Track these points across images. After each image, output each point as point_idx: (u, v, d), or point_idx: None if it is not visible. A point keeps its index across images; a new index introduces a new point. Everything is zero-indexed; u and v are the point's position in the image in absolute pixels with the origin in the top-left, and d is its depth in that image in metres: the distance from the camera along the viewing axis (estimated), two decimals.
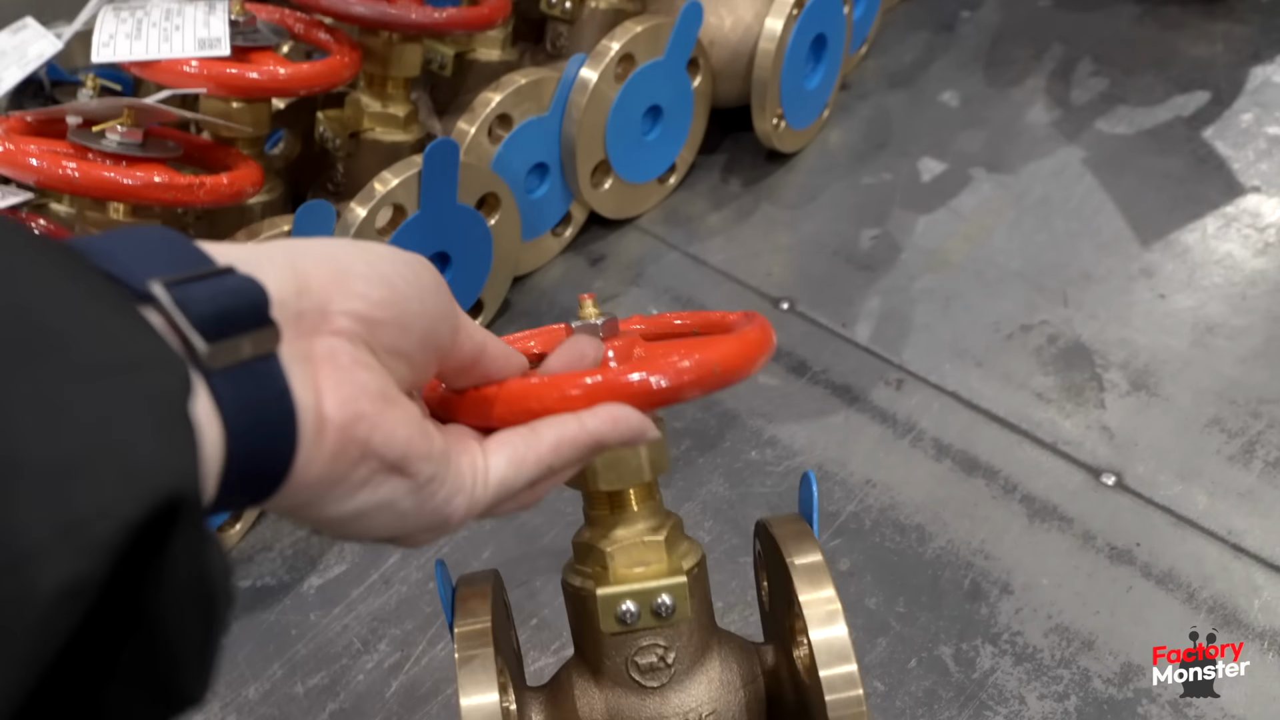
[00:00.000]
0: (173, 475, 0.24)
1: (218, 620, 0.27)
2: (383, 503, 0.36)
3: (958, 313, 0.99)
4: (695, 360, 0.42)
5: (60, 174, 0.70)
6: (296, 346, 0.33)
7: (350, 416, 0.34)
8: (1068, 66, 1.23)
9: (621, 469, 0.50)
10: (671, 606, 0.49)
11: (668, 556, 0.51)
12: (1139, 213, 1.05)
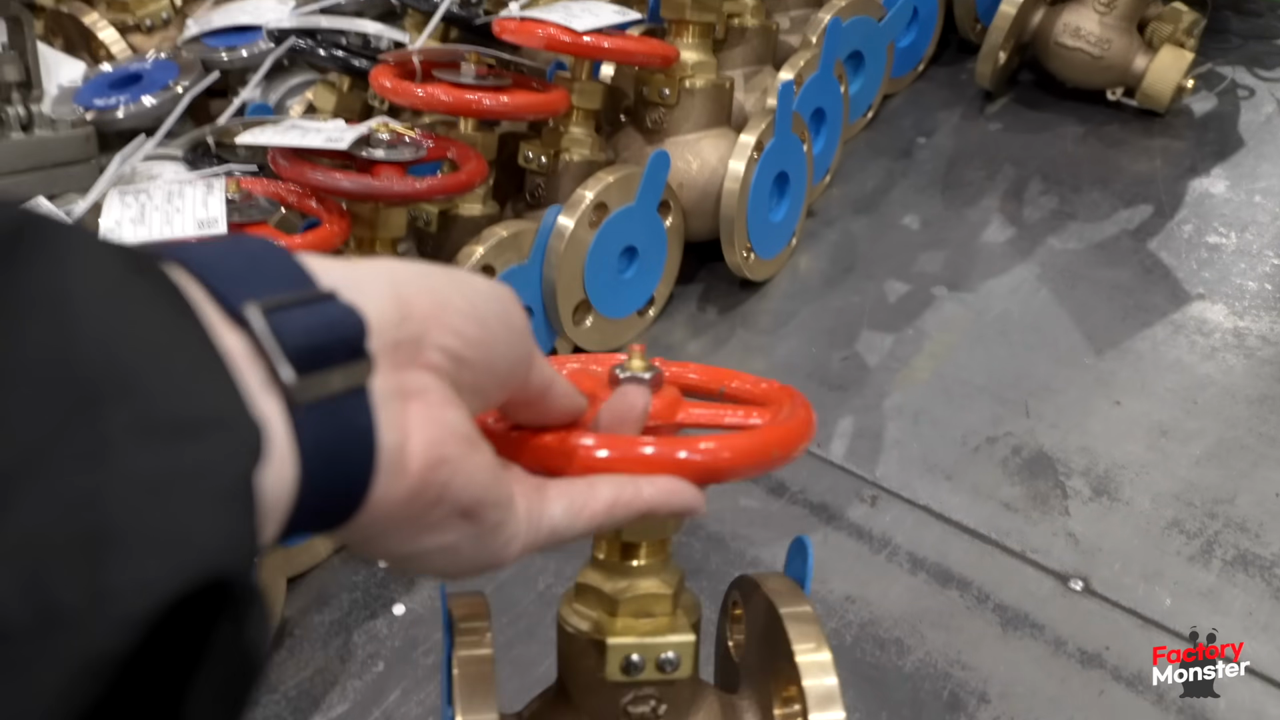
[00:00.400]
0: (222, 554, 0.23)
1: (247, 698, 0.26)
2: (447, 546, 0.35)
3: (926, 428, 1.04)
4: (759, 441, 0.43)
5: None
6: (389, 379, 0.32)
7: (435, 460, 0.33)
8: (1019, 186, 1.31)
9: (648, 523, 0.50)
10: (676, 662, 0.49)
11: (673, 611, 0.51)
12: (1092, 324, 1.11)
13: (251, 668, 0.25)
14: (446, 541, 0.35)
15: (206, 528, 0.23)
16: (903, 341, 1.14)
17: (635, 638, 0.49)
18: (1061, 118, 1.39)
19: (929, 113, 1.43)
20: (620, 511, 0.40)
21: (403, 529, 0.34)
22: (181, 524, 0.23)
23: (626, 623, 0.50)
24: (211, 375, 0.25)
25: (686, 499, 0.41)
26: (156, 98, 1.28)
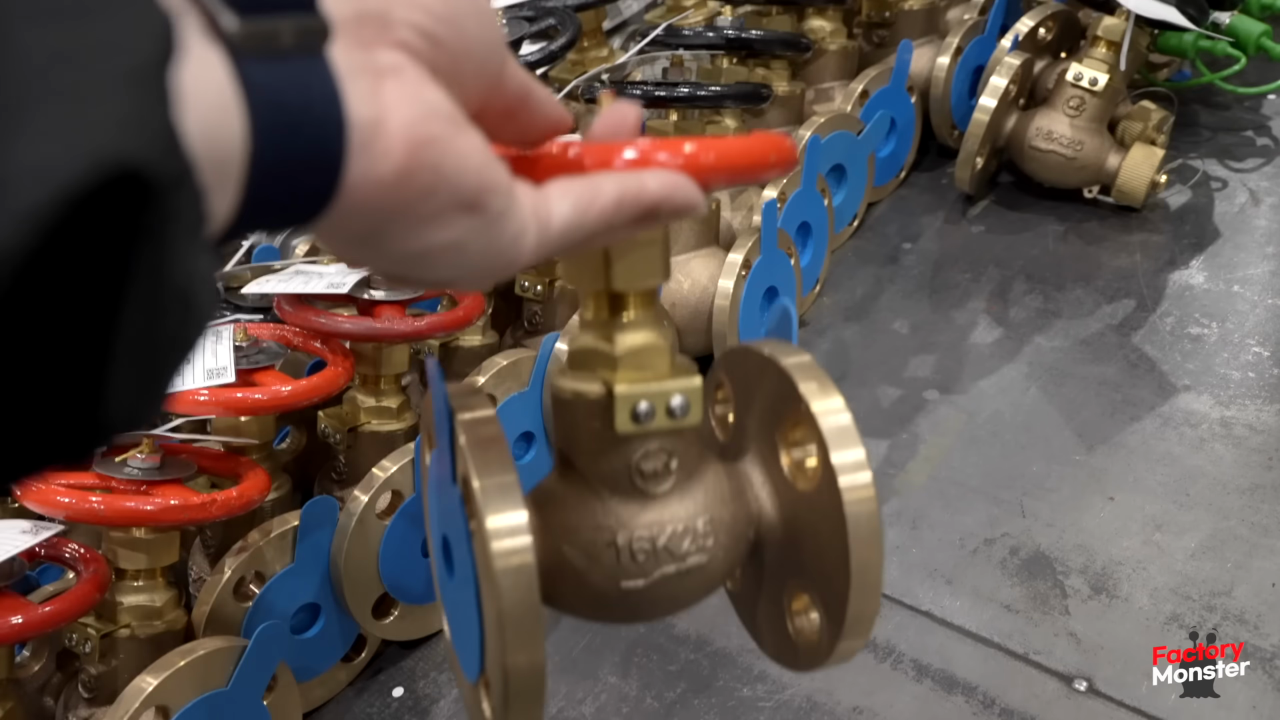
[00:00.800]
0: (130, 139, 0.20)
1: (180, 335, 0.23)
2: (452, 243, 0.33)
3: (925, 532, 1.05)
4: (762, 140, 0.42)
5: (87, 508, 0.79)
6: (355, 56, 0.30)
7: (420, 138, 0.30)
8: (1004, 287, 1.34)
9: (638, 268, 0.48)
10: (686, 407, 0.48)
11: (671, 360, 0.49)
12: (1082, 420, 1.13)
13: (181, 293, 0.22)
14: (450, 238, 0.33)
15: (111, 109, 0.20)
16: (898, 446, 1.16)
17: (643, 385, 0.48)
18: (1041, 217, 1.43)
19: (913, 218, 1.48)
20: (629, 208, 0.38)
21: (397, 223, 0.31)
22: (82, 104, 0.20)
23: (629, 374, 0.48)
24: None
25: (689, 194, 0.39)
26: None
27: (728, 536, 0.51)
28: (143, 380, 0.22)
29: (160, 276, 0.21)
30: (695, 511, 0.50)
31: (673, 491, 0.50)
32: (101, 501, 0.80)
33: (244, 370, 0.91)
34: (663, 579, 0.50)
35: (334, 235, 0.32)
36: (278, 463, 1.02)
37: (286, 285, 0.96)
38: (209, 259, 0.24)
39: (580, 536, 0.50)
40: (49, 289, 0.19)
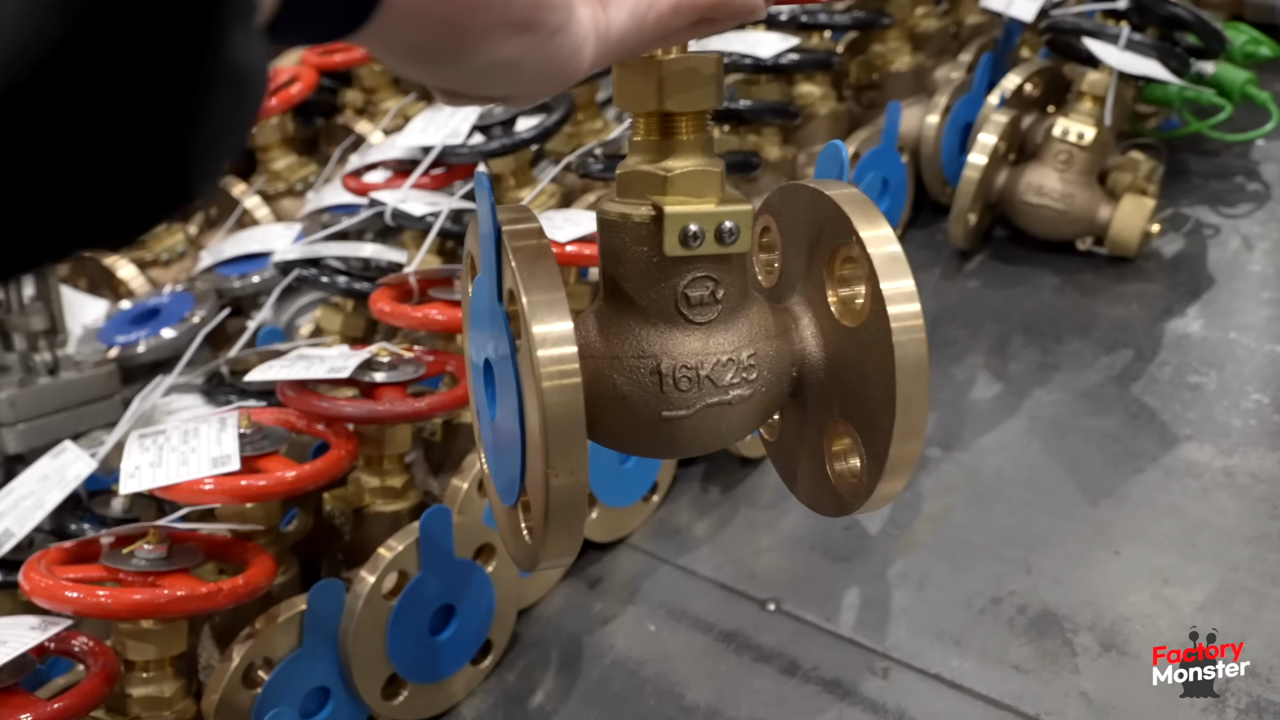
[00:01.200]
0: None
1: (236, 115, 0.24)
2: (507, 60, 0.32)
3: (931, 593, 1.05)
4: None
5: (95, 603, 0.79)
6: None
7: None
8: (1002, 341, 1.35)
9: (692, 89, 0.47)
10: (735, 232, 0.47)
11: (721, 187, 0.49)
12: (1085, 474, 1.13)
13: (238, 74, 0.23)
14: (506, 55, 0.32)
15: None
16: (901, 506, 1.16)
17: (693, 206, 0.47)
18: (1037, 270, 1.44)
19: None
20: (686, 12, 0.37)
21: (450, 38, 0.31)
22: None
23: (679, 197, 0.48)
24: None
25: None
26: (175, 329, 1.35)
27: (771, 372, 0.50)
28: (206, 151, 0.23)
29: (220, 57, 0.22)
30: (739, 343, 0.50)
31: (717, 321, 0.49)
32: (109, 595, 0.81)
33: (249, 457, 0.92)
34: (705, 409, 0.49)
35: (386, 48, 0.31)
36: (285, 545, 1.02)
37: (289, 371, 0.97)
38: (260, 46, 0.24)
39: (624, 363, 0.49)
40: (124, 53, 0.20)
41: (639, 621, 1.13)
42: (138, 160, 0.22)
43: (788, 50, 1.38)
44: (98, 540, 0.90)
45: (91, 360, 1.29)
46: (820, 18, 1.47)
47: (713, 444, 0.52)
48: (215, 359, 1.27)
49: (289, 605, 0.94)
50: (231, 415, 0.96)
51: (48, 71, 0.19)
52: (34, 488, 1.02)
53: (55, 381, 1.24)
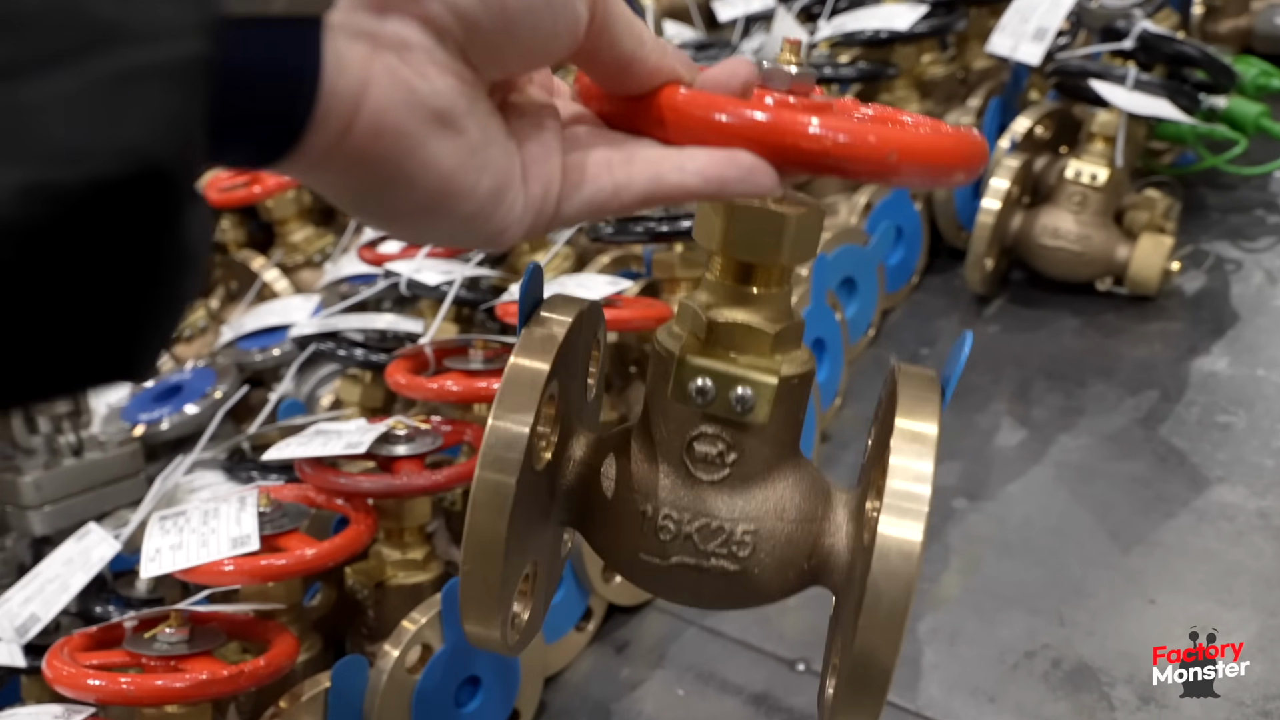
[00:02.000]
0: (167, 148, 0.23)
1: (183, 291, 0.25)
2: (417, 227, 0.33)
3: (963, 648, 1.03)
4: (879, 131, 0.36)
5: (117, 690, 0.79)
6: (361, 20, 0.29)
7: (388, 129, 0.29)
8: (1024, 386, 1.34)
9: (757, 240, 0.43)
10: (750, 403, 0.44)
11: (771, 352, 0.45)
12: (1115, 520, 1.12)
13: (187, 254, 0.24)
14: (416, 224, 0.33)
15: (149, 110, 0.23)
16: (930, 559, 1.14)
17: (711, 361, 0.44)
18: (1057, 313, 1.43)
19: (928, 322, 1.48)
20: (660, 198, 0.36)
21: (364, 193, 0.31)
22: (122, 100, 0.22)
23: (713, 349, 0.45)
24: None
25: (752, 175, 0.35)
26: (198, 405, 1.36)
27: (771, 556, 0.46)
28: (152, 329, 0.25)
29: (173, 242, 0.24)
30: (739, 515, 0.46)
31: (723, 483, 0.46)
32: (131, 682, 0.80)
33: (269, 535, 0.92)
34: (680, 567, 0.46)
35: (311, 184, 0.32)
36: (308, 622, 1.02)
37: (306, 448, 0.98)
38: (207, 221, 0.26)
39: (621, 489, 0.47)
40: (86, 243, 0.23)
41: (667, 686, 1.11)
42: (89, 339, 0.24)
43: None
44: (121, 625, 0.90)
45: (116, 439, 1.30)
46: (826, 71, 1.47)
47: (692, 602, 0.48)
48: (238, 433, 1.28)
49: (313, 683, 0.94)
50: (251, 494, 0.96)
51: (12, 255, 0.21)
52: (59, 571, 1.02)
53: (80, 463, 1.25)
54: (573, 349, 0.48)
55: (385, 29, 0.29)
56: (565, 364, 0.47)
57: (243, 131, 0.28)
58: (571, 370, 0.48)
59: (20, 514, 1.22)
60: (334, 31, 0.28)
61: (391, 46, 0.29)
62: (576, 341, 0.49)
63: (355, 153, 0.29)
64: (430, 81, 0.30)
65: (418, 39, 0.30)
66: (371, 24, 0.29)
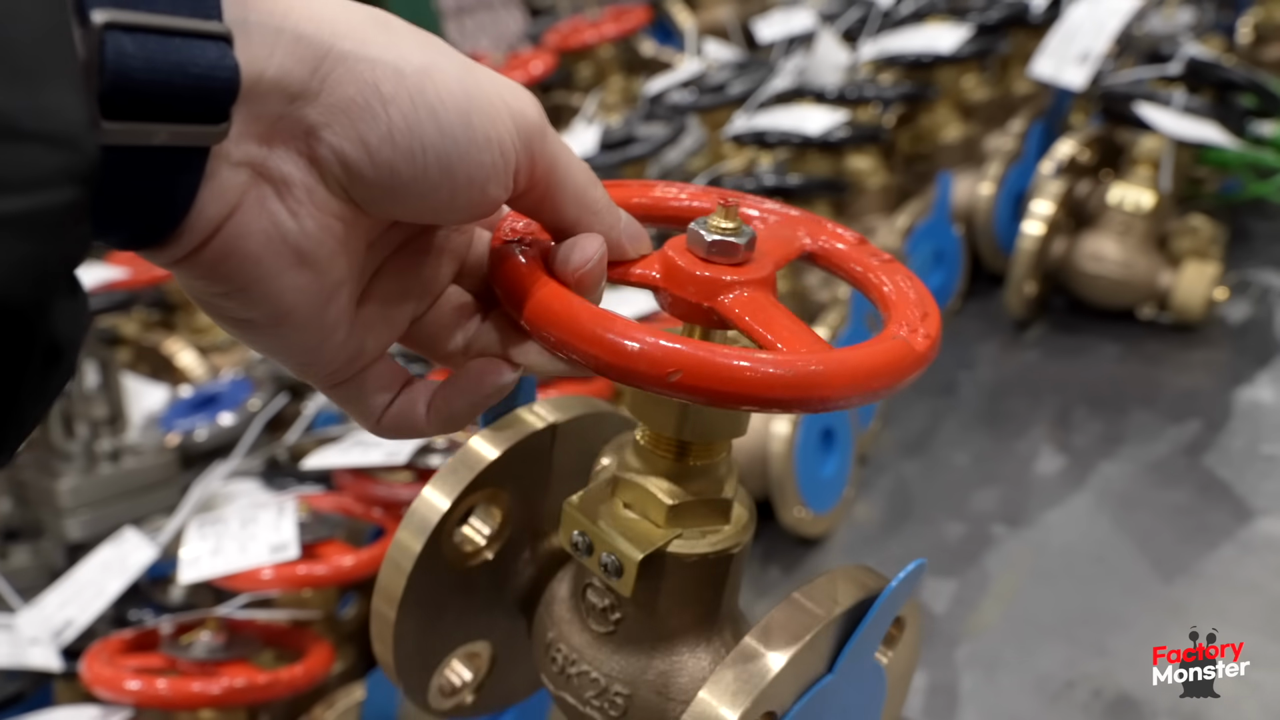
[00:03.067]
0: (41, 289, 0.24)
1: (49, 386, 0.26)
2: (251, 337, 0.34)
3: (1002, 678, 1.02)
4: (663, 353, 0.34)
5: (153, 694, 0.79)
6: (249, 149, 0.30)
7: (240, 253, 0.30)
8: (1065, 413, 1.32)
9: (656, 416, 0.42)
10: (615, 570, 0.42)
11: (667, 525, 0.42)
12: (1157, 549, 1.10)
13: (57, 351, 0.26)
14: (251, 337, 0.34)
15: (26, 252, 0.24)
16: (967, 585, 1.13)
17: (593, 519, 0.43)
18: (1098, 339, 1.42)
19: (967, 347, 1.47)
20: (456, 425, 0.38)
21: (208, 298, 0.32)
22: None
23: (612, 505, 0.43)
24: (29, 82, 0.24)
25: (486, 385, 0.37)
26: (234, 415, 1.37)
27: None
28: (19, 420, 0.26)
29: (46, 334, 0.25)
30: (616, 675, 0.45)
31: (609, 639, 0.45)
32: (168, 686, 0.80)
33: (307, 543, 0.92)
34: (563, 700, 0.47)
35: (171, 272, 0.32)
36: (342, 633, 1.02)
37: (345, 457, 0.98)
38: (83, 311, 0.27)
39: (543, 608, 0.49)
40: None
41: None
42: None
43: (837, 125, 1.38)
44: (157, 630, 0.91)
45: (152, 447, 1.31)
46: (868, 91, 1.47)
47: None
48: (275, 443, 1.28)
49: (346, 694, 0.93)
50: (290, 502, 0.96)
51: None
52: (95, 575, 1.03)
53: (117, 469, 1.26)
54: (536, 460, 0.49)
55: (270, 162, 0.30)
56: (522, 473, 0.48)
57: (113, 227, 0.29)
58: (537, 479, 0.48)
59: (56, 519, 1.23)
60: (217, 159, 0.29)
61: (271, 180, 0.30)
62: (546, 453, 0.49)
63: (205, 266, 0.31)
64: (299, 220, 0.31)
65: (299, 176, 0.31)
66: (257, 154, 0.30)
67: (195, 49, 0.27)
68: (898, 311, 0.39)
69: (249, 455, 1.23)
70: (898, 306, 0.39)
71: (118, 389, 1.29)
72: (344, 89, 0.30)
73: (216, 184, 0.29)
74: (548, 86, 1.94)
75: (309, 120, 0.30)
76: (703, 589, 0.44)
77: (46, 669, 0.92)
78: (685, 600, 0.44)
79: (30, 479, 1.26)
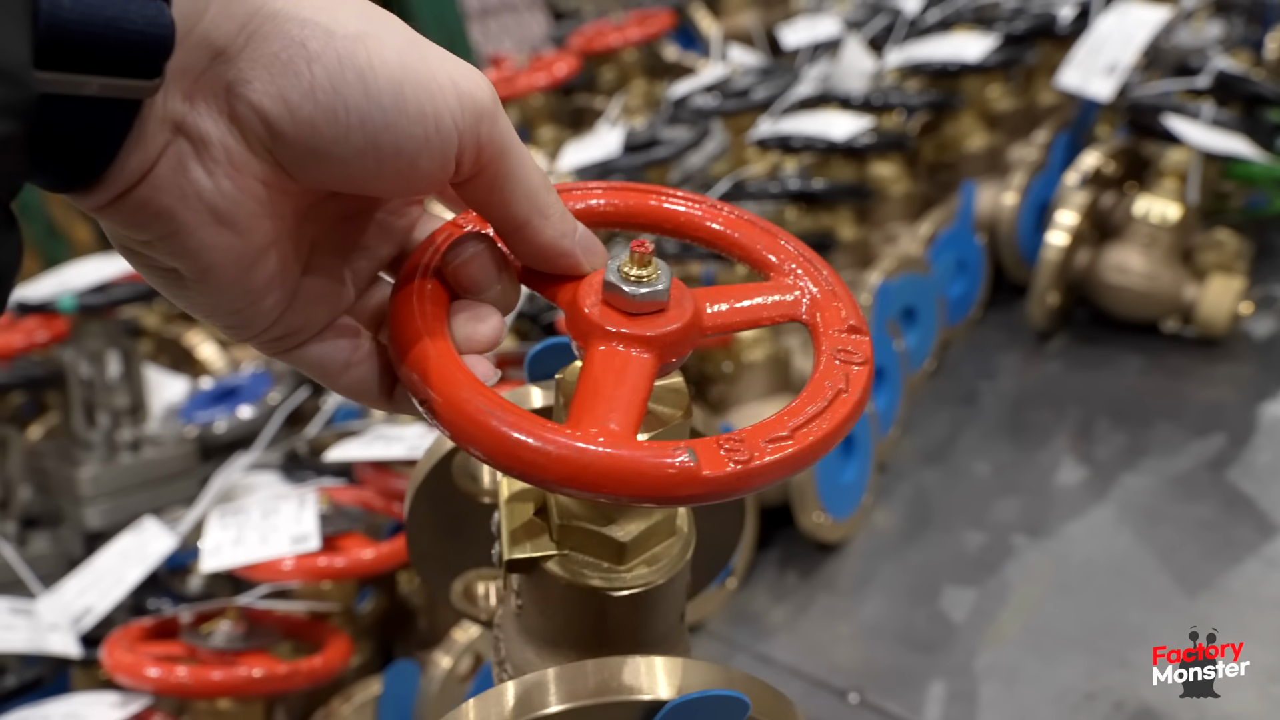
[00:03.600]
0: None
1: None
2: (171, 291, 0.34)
3: (1021, 688, 1.01)
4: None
5: (173, 681, 0.79)
6: (175, 106, 0.30)
7: (155, 207, 0.31)
8: (1087, 425, 1.31)
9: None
10: (497, 559, 0.43)
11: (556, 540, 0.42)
12: (1180, 563, 1.09)
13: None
14: (171, 290, 0.34)
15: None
16: (987, 595, 1.12)
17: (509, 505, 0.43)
18: (1121, 351, 1.41)
19: (989, 357, 1.46)
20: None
21: (130, 246, 0.32)
22: None
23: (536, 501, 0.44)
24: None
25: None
26: (254, 408, 1.37)
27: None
28: None
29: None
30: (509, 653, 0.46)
31: (516, 618, 0.47)
32: (188, 674, 0.80)
33: (328, 536, 0.92)
34: (496, 650, 0.49)
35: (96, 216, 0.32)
36: (360, 626, 1.01)
37: (367, 450, 0.98)
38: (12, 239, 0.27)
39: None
40: None
41: None
42: None
43: (861, 132, 1.38)
44: (177, 618, 0.91)
45: (172, 438, 1.31)
46: (893, 98, 1.47)
47: None
48: (294, 436, 1.28)
49: (363, 688, 0.93)
50: (311, 494, 0.96)
51: None
52: (115, 563, 1.03)
53: (137, 459, 1.26)
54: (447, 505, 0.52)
55: (189, 119, 0.30)
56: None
57: (39, 169, 0.29)
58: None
59: (75, 507, 1.23)
60: (144, 113, 0.29)
61: (190, 138, 0.30)
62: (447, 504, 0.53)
63: (126, 214, 0.31)
64: (215, 180, 0.31)
65: (218, 135, 0.31)
66: (180, 111, 0.30)
67: (132, 5, 0.27)
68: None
69: (269, 448, 1.23)
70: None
71: (139, 380, 1.29)
72: (268, 45, 0.30)
73: (140, 137, 0.29)
74: (570, 89, 1.94)
75: (229, 76, 0.30)
76: (583, 615, 0.43)
77: (65, 655, 0.92)
78: (568, 618, 0.43)
79: (51, 467, 1.26)
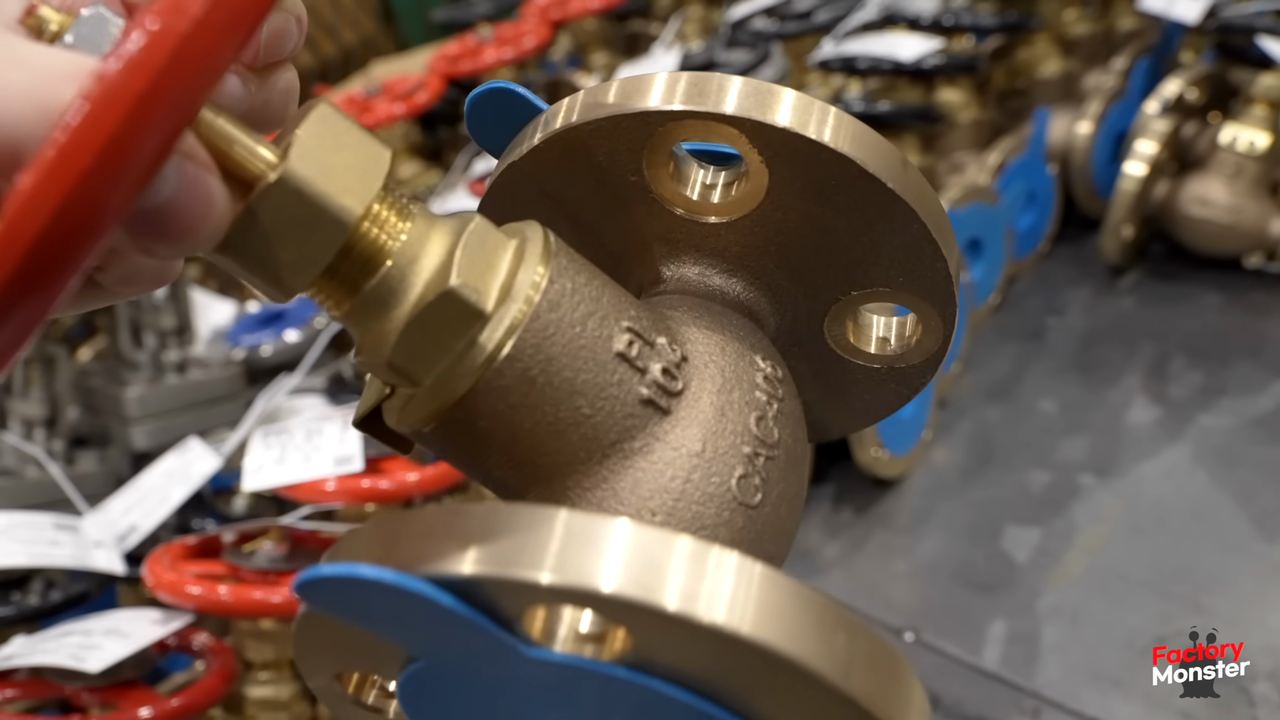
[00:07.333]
0: None
1: None
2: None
3: (1087, 629, 0.97)
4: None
5: (214, 599, 0.77)
6: None
7: None
8: (1161, 363, 1.26)
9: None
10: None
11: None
12: (1260, 507, 1.04)
13: None
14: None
15: None
16: (1051, 535, 1.08)
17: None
18: (1199, 288, 1.34)
19: (1057, 292, 1.41)
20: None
21: None
22: None
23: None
24: None
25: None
26: (300, 332, 1.35)
27: None
28: None
29: None
30: None
31: None
32: (230, 592, 0.79)
33: (371, 458, 0.90)
34: None
35: None
36: None
37: None
38: None
39: None
40: None
41: None
42: None
43: (930, 53, 1.32)
44: (219, 537, 0.89)
45: (218, 361, 1.30)
46: (965, 19, 1.40)
47: None
48: (340, 360, 1.26)
49: None
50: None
51: None
52: (159, 483, 1.01)
53: (183, 380, 1.25)
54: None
55: None
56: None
57: None
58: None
59: (122, 427, 1.23)
60: None
61: None
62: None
63: None
64: None
65: None
66: None
67: None
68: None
69: (314, 371, 1.21)
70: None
71: (186, 302, 1.27)
72: None
73: None
74: (624, 15, 1.88)
75: None
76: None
77: (110, 572, 0.91)
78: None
79: (98, 387, 1.25)
